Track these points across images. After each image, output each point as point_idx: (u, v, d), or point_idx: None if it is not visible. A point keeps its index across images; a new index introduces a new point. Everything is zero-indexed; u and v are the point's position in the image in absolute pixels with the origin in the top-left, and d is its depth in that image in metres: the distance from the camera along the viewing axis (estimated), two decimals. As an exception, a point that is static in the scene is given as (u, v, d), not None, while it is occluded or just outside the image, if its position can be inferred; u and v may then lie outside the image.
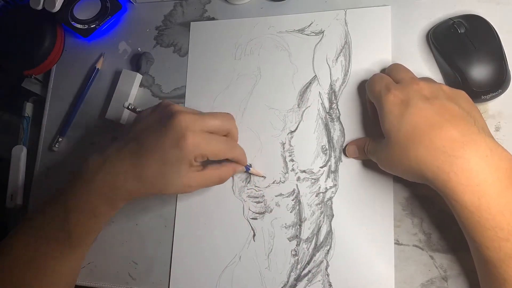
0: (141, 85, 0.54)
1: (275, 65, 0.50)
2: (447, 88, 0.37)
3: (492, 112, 0.43)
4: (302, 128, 0.47)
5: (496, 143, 0.33)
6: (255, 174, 0.47)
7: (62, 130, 0.55)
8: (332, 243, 0.44)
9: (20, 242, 0.42)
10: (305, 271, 0.44)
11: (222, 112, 0.45)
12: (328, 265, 0.43)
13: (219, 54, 0.52)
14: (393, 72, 0.41)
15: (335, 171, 0.45)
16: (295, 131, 0.47)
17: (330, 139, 0.46)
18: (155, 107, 0.43)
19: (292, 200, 0.46)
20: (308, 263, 0.44)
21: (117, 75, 0.54)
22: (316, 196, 0.45)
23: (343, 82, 0.47)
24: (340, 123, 0.46)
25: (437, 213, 0.42)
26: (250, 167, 0.46)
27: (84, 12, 0.56)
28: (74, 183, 0.41)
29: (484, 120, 0.38)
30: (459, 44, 0.42)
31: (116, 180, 0.40)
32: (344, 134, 0.46)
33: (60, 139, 0.55)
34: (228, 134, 0.45)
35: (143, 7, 0.57)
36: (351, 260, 0.43)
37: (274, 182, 0.47)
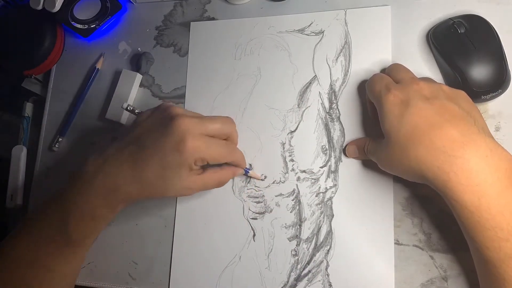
0: (141, 85, 0.54)
1: (275, 65, 0.50)
2: (447, 88, 0.37)
3: (492, 112, 0.43)
4: (302, 128, 0.47)
5: (496, 143, 0.33)
6: (253, 177, 0.47)
7: (62, 130, 0.55)
8: (332, 243, 0.44)
9: (21, 242, 0.42)
10: (305, 271, 0.44)
11: (222, 115, 0.45)
12: (328, 265, 0.43)
13: (219, 54, 0.52)
14: (393, 72, 0.41)
15: (335, 171, 0.45)
16: (295, 131, 0.47)
17: (330, 139, 0.46)
18: (154, 109, 0.43)
19: (292, 200, 0.46)
20: (308, 263, 0.44)
21: (117, 75, 0.54)
22: (316, 196, 0.45)
23: (343, 82, 0.47)
24: (340, 123, 0.46)
25: (437, 213, 0.42)
26: (249, 169, 0.47)
27: (84, 12, 0.56)
28: (74, 184, 0.41)
29: (484, 120, 0.38)
30: (459, 44, 0.42)
31: (115, 182, 0.40)
32: (344, 134, 0.46)
33: (60, 139, 0.55)
34: (228, 138, 0.45)
35: (143, 7, 0.57)
36: (351, 260, 0.43)
37: (274, 182, 0.47)
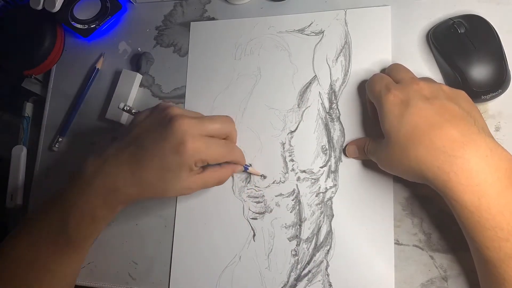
0: (141, 85, 0.54)
1: (275, 65, 0.50)
2: (447, 88, 0.37)
3: (492, 112, 0.43)
4: (302, 128, 0.47)
5: (496, 143, 0.33)
6: (253, 173, 0.47)
7: (62, 130, 0.55)
8: (332, 243, 0.44)
9: (21, 242, 0.42)
10: (305, 271, 0.44)
11: (221, 115, 0.45)
12: (328, 265, 0.43)
13: (219, 54, 0.52)
14: (393, 72, 0.41)
15: (335, 171, 0.45)
16: (295, 131, 0.47)
17: (330, 139, 0.46)
18: (152, 108, 0.43)
19: (292, 200, 0.46)
20: (308, 263, 0.44)
21: (117, 75, 0.54)
22: (316, 196, 0.45)
23: (343, 82, 0.47)
24: (340, 123, 0.46)
25: (437, 213, 0.42)
26: (248, 166, 0.47)
27: (84, 12, 0.56)
28: (74, 184, 0.41)
29: (484, 120, 0.38)
30: (459, 44, 0.42)
31: (115, 182, 0.39)
32: (344, 134, 0.46)
33: (60, 139, 0.55)
34: (227, 137, 0.45)
35: (143, 7, 0.57)
36: (351, 260, 0.43)
37: (274, 182, 0.47)
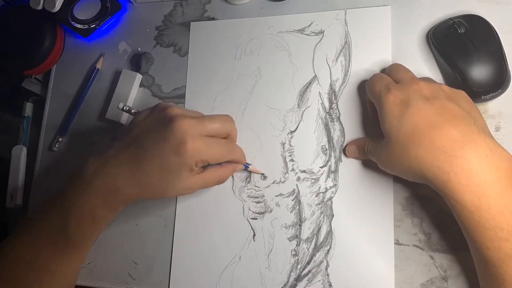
0: (141, 85, 0.54)
1: (275, 65, 0.50)
2: (447, 88, 0.37)
3: (492, 112, 0.43)
4: (302, 128, 0.47)
5: (496, 143, 0.33)
6: (253, 172, 0.47)
7: (62, 130, 0.55)
8: (332, 243, 0.44)
9: (21, 243, 0.42)
10: (305, 271, 0.44)
11: (221, 114, 0.45)
12: (328, 265, 0.43)
13: (219, 54, 0.52)
14: (393, 72, 0.41)
15: (335, 171, 0.45)
16: (295, 131, 0.47)
17: (330, 139, 0.46)
18: (152, 108, 0.43)
19: (292, 200, 0.46)
20: (308, 263, 0.44)
21: (117, 75, 0.54)
22: (316, 196, 0.45)
23: (343, 82, 0.47)
24: (340, 123, 0.46)
25: (437, 213, 0.42)
26: (249, 165, 0.47)
27: (84, 12, 0.56)
28: (74, 184, 0.41)
29: (484, 120, 0.38)
30: (459, 44, 0.42)
31: (115, 183, 0.39)
32: (344, 134, 0.46)
33: (60, 139, 0.55)
34: (227, 136, 0.45)
35: (143, 7, 0.57)
36: (351, 260, 0.43)
37: (274, 182, 0.47)
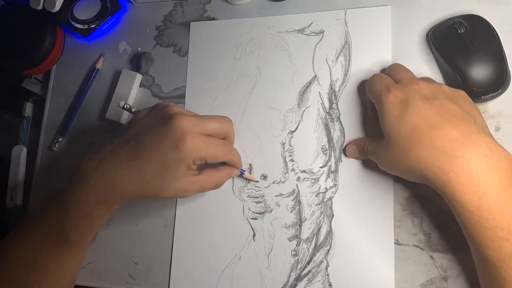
0: (141, 85, 0.54)
1: (275, 65, 0.50)
2: (447, 88, 0.37)
3: (492, 112, 0.43)
4: (302, 128, 0.47)
5: (496, 143, 0.33)
6: (249, 179, 0.47)
7: (62, 130, 0.55)
8: (332, 243, 0.44)
9: (21, 242, 0.42)
10: (305, 271, 0.44)
11: (221, 115, 0.45)
12: (328, 265, 0.43)
13: (219, 54, 0.52)
14: (393, 72, 0.41)
15: (335, 171, 0.45)
16: (295, 131, 0.47)
17: (330, 139, 0.46)
18: (152, 107, 0.43)
19: (292, 200, 0.46)
20: (308, 263, 0.44)
21: (117, 75, 0.54)
22: (316, 196, 0.45)
23: (343, 82, 0.47)
24: (340, 123, 0.46)
25: (437, 213, 0.42)
26: (244, 171, 0.46)
27: (84, 12, 0.56)
28: (72, 183, 0.41)
29: (484, 120, 0.38)
30: (459, 44, 0.42)
31: (112, 180, 0.39)
32: (344, 134, 0.46)
33: (60, 139, 0.55)
34: (225, 137, 0.45)
35: (143, 7, 0.57)
36: (351, 260, 0.43)
37: (274, 182, 0.47)
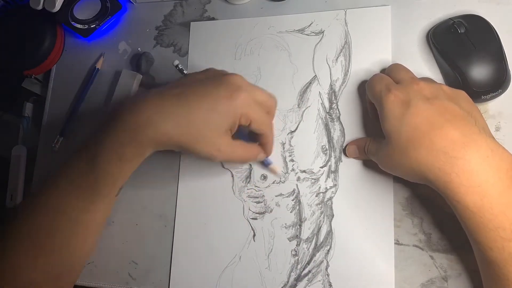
0: (141, 85, 0.54)
1: (275, 65, 0.50)
2: (447, 88, 0.37)
3: (492, 112, 0.43)
4: (302, 128, 0.47)
5: (497, 144, 0.33)
6: (272, 171, 0.46)
7: (62, 130, 0.55)
8: (332, 243, 0.44)
9: (52, 190, 0.41)
10: (305, 271, 0.44)
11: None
12: (328, 265, 0.43)
13: (219, 54, 0.52)
14: (393, 72, 0.41)
15: (335, 171, 0.45)
16: (295, 131, 0.47)
17: (330, 139, 0.46)
18: (205, 70, 0.44)
19: (292, 200, 0.46)
20: (308, 263, 0.44)
21: (117, 75, 0.54)
22: (316, 196, 0.45)
23: (343, 82, 0.47)
24: (340, 123, 0.46)
25: (437, 213, 0.42)
26: (270, 162, 0.46)
27: (84, 12, 0.56)
28: (106, 124, 0.40)
29: (484, 120, 0.38)
30: (459, 44, 0.42)
31: (149, 116, 0.37)
32: (344, 134, 0.46)
33: (60, 139, 0.55)
34: (268, 112, 0.43)
35: (143, 7, 0.57)
36: (351, 260, 0.43)
37: (274, 182, 0.47)
